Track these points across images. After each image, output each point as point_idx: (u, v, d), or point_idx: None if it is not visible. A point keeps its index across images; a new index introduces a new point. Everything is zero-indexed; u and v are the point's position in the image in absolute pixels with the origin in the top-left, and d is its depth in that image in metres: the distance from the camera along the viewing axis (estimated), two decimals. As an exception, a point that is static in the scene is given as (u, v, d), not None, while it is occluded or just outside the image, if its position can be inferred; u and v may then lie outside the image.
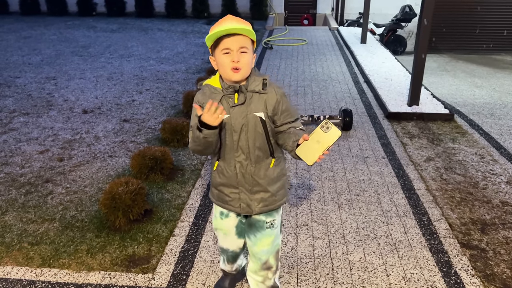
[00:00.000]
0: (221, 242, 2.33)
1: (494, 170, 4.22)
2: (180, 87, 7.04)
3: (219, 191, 2.11)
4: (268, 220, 2.11)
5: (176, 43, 10.93)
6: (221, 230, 2.23)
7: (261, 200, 2.05)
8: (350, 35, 12.06)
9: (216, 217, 2.22)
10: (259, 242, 2.14)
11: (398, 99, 6.19)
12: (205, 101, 1.86)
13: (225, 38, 1.83)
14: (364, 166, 4.25)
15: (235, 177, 2.02)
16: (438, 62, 11.25)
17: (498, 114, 6.06)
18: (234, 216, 2.17)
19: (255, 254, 2.17)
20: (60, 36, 11.79)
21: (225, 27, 1.80)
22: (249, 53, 1.88)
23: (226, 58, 1.85)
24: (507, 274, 2.77)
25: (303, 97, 6.54)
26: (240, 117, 1.92)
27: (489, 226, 3.28)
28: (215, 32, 1.82)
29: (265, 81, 1.94)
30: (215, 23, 1.88)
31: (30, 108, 5.95)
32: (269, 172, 2.03)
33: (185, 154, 4.50)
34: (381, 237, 3.13)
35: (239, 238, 2.25)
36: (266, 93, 1.93)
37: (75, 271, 2.77)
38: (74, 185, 3.88)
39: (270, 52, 9.96)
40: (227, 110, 1.90)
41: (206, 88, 1.95)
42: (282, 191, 2.11)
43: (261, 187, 2.03)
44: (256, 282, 2.26)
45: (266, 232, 2.12)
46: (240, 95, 1.91)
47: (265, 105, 1.93)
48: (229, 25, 1.81)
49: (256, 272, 2.23)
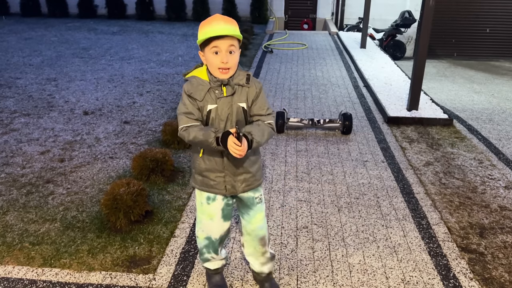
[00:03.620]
0: (206, 231, 2.35)
1: (492, 175, 4.25)
2: (180, 89, 7.06)
3: (203, 177, 2.25)
4: (257, 196, 2.33)
5: (177, 46, 10.97)
6: (208, 215, 2.32)
7: (244, 180, 2.24)
8: (350, 40, 12.12)
9: (202, 204, 2.31)
10: (253, 219, 2.33)
11: (397, 104, 6.23)
12: (193, 91, 2.09)
13: (215, 39, 1.99)
14: (364, 170, 4.28)
15: (222, 162, 2.19)
16: (437, 68, 11.31)
17: (497, 120, 6.11)
18: (220, 199, 2.29)
19: (252, 232, 2.35)
20: (60, 37, 11.82)
21: (214, 30, 1.97)
22: (237, 52, 2.08)
23: (215, 58, 2.03)
24: (505, 277, 2.79)
25: (303, 101, 6.57)
26: (226, 107, 2.12)
27: (488, 230, 3.31)
28: (205, 33, 1.99)
29: (248, 75, 2.16)
30: (204, 21, 2.04)
31: (31, 109, 5.97)
32: (250, 155, 2.21)
33: (185, 156, 4.52)
34: (381, 240, 3.15)
35: (225, 221, 2.35)
36: (249, 87, 2.16)
37: (76, 271, 2.78)
38: (75, 185, 3.89)
39: (270, 55, 10.01)
40: (214, 101, 2.11)
41: (193, 80, 2.12)
42: (260, 172, 2.33)
43: (244, 169, 2.22)
44: (258, 260, 2.45)
45: (258, 208, 2.34)
46: (228, 88, 2.11)
47: (246, 97, 2.16)
48: (218, 27, 1.98)
49: (256, 249, 2.40)
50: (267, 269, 2.49)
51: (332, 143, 4.94)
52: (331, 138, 5.09)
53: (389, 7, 14.92)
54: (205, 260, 2.48)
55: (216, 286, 2.57)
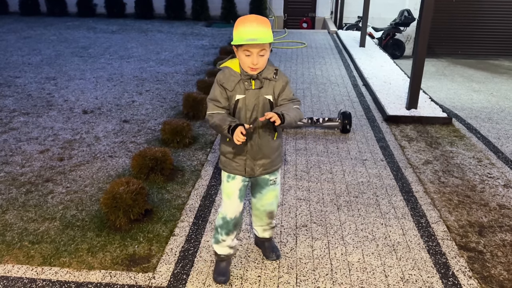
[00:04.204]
0: (222, 210, 2.56)
1: (491, 174, 4.26)
2: (180, 88, 7.07)
3: (227, 158, 2.48)
4: (272, 178, 2.57)
5: (176, 45, 10.96)
6: (227, 194, 2.54)
7: (262, 165, 2.47)
8: (349, 38, 12.12)
9: (223, 181, 2.55)
10: (264, 197, 2.61)
11: (396, 103, 6.23)
12: (225, 81, 2.30)
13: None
14: (363, 169, 4.29)
15: (245, 148, 2.40)
16: (436, 67, 11.32)
17: (496, 119, 6.11)
18: (239, 179, 2.51)
19: (261, 207, 2.65)
20: (60, 36, 11.81)
21: (248, 36, 2.14)
22: (267, 53, 2.27)
23: (247, 59, 2.24)
24: (504, 276, 2.80)
25: (303, 99, 6.57)
26: (253, 98, 2.33)
27: (487, 229, 3.32)
28: (239, 39, 2.17)
29: (276, 70, 2.37)
30: (239, 22, 2.20)
31: (30, 108, 5.97)
32: (272, 143, 2.46)
33: (185, 155, 4.52)
34: (380, 238, 3.15)
35: (240, 202, 2.56)
36: (276, 80, 2.36)
37: (76, 269, 2.79)
38: (74, 184, 3.89)
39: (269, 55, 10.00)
40: (242, 92, 2.31)
41: (226, 70, 2.33)
42: (279, 158, 2.56)
43: (264, 155, 2.45)
44: (262, 227, 2.79)
45: (270, 188, 2.59)
46: (256, 82, 2.32)
47: (273, 90, 2.36)
48: (251, 33, 2.14)
49: (263, 220, 2.74)
50: (268, 235, 2.85)
51: (332, 142, 4.94)
52: (330, 137, 5.09)
53: (388, 6, 14.92)
54: (216, 241, 2.63)
55: (219, 274, 2.68)
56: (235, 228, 2.60)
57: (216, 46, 10.82)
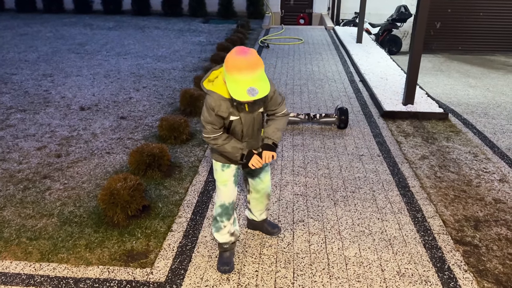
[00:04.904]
0: (220, 198, 2.65)
1: (487, 168, 4.28)
2: (177, 85, 7.06)
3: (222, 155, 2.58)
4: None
5: (173, 41, 10.94)
6: (222, 181, 2.62)
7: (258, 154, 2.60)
8: (346, 34, 12.12)
9: (217, 170, 2.64)
10: (264, 180, 2.80)
11: (393, 98, 6.25)
12: (217, 108, 2.30)
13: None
14: (360, 164, 4.30)
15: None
16: (433, 62, 11.34)
17: (492, 114, 6.14)
18: (233, 166, 2.63)
19: (262, 189, 2.83)
20: (56, 33, 11.77)
21: (247, 83, 2.09)
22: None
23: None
24: (500, 269, 2.83)
25: (299, 95, 6.58)
26: (249, 118, 2.42)
27: (482, 223, 3.34)
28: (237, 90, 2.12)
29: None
30: (233, 64, 2.11)
31: (27, 104, 5.96)
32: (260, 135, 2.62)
33: (182, 151, 4.53)
34: (376, 233, 3.18)
35: (235, 187, 2.69)
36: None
37: (74, 265, 2.80)
38: (72, 181, 3.90)
39: (266, 51, 10.00)
40: (236, 113, 2.36)
41: (215, 96, 2.29)
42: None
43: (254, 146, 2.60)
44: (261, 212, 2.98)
45: (266, 170, 2.81)
46: (249, 104, 2.36)
47: (263, 101, 2.44)
48: (250, 80, 2.10)
49: (263, 203, 2.92)
50: (266, 215, 3.05)
51: (328, 138, 4.96)
52: (327, 133, 5.11)
53: (385, 1, 14.91)
54: (217, 229, 2.70)
55: (223, 263, 2.74)
56: (233, 211, 2.73)
57: (213, 43, 10.81)
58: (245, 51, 2.12)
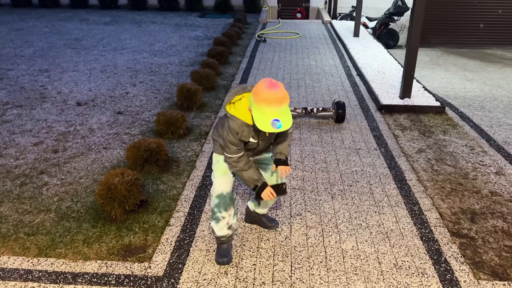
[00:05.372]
0: (218, 188, 2.66)
1: (483, 161, 4.30)
2: (174, 79, 7.04)
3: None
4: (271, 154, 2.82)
5: (170, 36, 10.90)
6: (222, 170, 2.65)
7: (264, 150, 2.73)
8: (343, 28, 12.09)
9: (219, 161, 2.66)
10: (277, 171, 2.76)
11: (390, 92, 6.25)
12: (241, 134, 2.41)
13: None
14: (357, 158, 4.31)
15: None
16: (430, 56, 11.33)
17: (488, 107, 6.15)
18: None
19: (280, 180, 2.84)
20: (52, 28, 11.70)
21: (273, 115, 2.20)
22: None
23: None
24: (496, 261, 2.85)
25: (297, 90, 6.58)
26: (266, 139, 2.55)
27: (478, 216, 3.36)
28: (263, 120, 2.22)
29: None
30: (264, 96, 2.20)
31: (23, 100, 5.93)
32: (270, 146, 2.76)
33: (179, 146, 4.53)
34: (373, 226, 3.19)
35: (233, 177, 2.72)
36: None
37: (72, 260, 2.80)
38: (69, 176, 3.90)
39: (263, 45, 9.98)
40: (256, 136, 2.48)
41: (239, 122, 2.40)
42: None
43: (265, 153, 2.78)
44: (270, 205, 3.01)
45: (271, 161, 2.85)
46: (270, 132, 2.51)
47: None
48: (276, 113, 2.21)
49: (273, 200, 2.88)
50: (267, 210, 3.08)
51: (326, 132, 4.96)
52: (325, 127, 5.11)
53: (382, -5, 14.87)
54: (216, 220, 2.70)
55: (221, 255, 2.76)
56: (231, 201, 2.72)
57: (210, 37, 10.78)
58: (275, 85, 2.23)
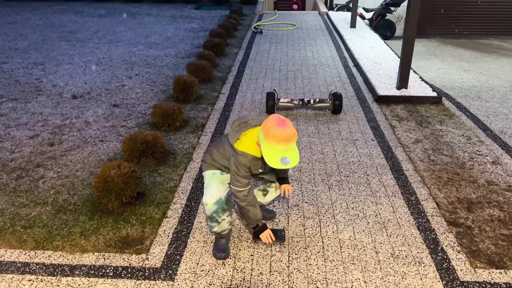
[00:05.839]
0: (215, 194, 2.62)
1: (480, 151, 4.31)
2: (170, 71, 7.01)
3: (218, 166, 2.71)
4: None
5: (165, 28, 10.83)
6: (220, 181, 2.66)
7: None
8: (340, 19, 12.05)
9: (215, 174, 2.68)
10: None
11: (387, 83, 6.24)
12: (252, 167, 2.51)
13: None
14: (354, 149, 4.31)
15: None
16: (426, 47, 11.31)
17: (485, 97, 6.15)
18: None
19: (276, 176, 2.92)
20: (46, 21, 11.61)
21: (281, 153, 2.30)
22: None
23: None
24: (492, 250, 2.86)
25: (294, 81, 6.56)
26: (271, 169, 2.69)
27: (475, 205, 3.37)
28: (272, 156, 2.31)
29: None
30: (274, 133, 2.27)
31: (18, 93, 5.90)
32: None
33: (176, 138, 4.51)
34: (370, 216, 3.20)
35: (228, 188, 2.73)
36: None
37: (69, 252, 2.80)
38: (65, 169, 3.88)
39: (260, 36, 9.93)
40: (263, 168, 2.57)
41: (250, 157, 2.47)
42: None
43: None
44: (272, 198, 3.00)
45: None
46: None
47: None
48: (284, 150, 2.30)
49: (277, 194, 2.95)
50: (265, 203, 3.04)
51: (323, 123, 4.96)
52: (322, 118, 5.11)
53: (379, -14, 14.79)
54: (216, 224, 2.66)
55: (219, 250, 2.75)
56: (228, 202, 2.70)
57: (206, 29, 10.72)
58: (285, 124, 2.29)
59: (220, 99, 5.75)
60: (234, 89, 6.20)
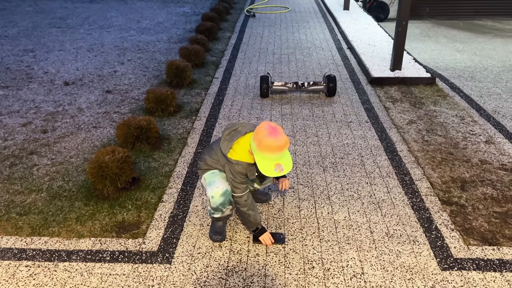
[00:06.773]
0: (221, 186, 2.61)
1: (473, 131, 4.33)
2: (162, 57, 6.95)
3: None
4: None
5: (157, 13, 10.70)
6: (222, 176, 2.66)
7: None
8: (333, 2, 11.95)
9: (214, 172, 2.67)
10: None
11: (381, 65, 6.23)
12: (247, 173, 2.56)
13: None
14: (348, 131, 4.32)
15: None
16: (420, 28, 11.26)
17: (478, 77, 6.16)
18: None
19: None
20: (36, 7, 11.43)
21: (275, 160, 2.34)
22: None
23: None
24: (485, 227, 2.89)
25: (287, 64, 6.53)
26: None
27: (469, 184, 3.40)
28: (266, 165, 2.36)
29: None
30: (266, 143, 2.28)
31: (9, 81, 5.83)
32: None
33: (170, 124, 4.50)
34: (365, 197, 3.22)
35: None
36: None
37: (66, 238, 2.80)
38: (59, 156, 3.86)
39: (252, 20, 9.84)
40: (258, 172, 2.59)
41: (245, 164, 2.51)
42: None
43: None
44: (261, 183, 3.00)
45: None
46: None
47: None
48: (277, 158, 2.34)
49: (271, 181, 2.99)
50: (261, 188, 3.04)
51: (317, 106, 4.95)
52: (316, 101, 5.10)
53: (372, -33, 14.63)
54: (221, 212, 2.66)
55: (216, 232, 2.77)
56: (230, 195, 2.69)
57: (198, 13, 10.60)
58: (276, 133, 2.30)
59: (213, 84, 5.72)
60: (228, 73, 6.16)
